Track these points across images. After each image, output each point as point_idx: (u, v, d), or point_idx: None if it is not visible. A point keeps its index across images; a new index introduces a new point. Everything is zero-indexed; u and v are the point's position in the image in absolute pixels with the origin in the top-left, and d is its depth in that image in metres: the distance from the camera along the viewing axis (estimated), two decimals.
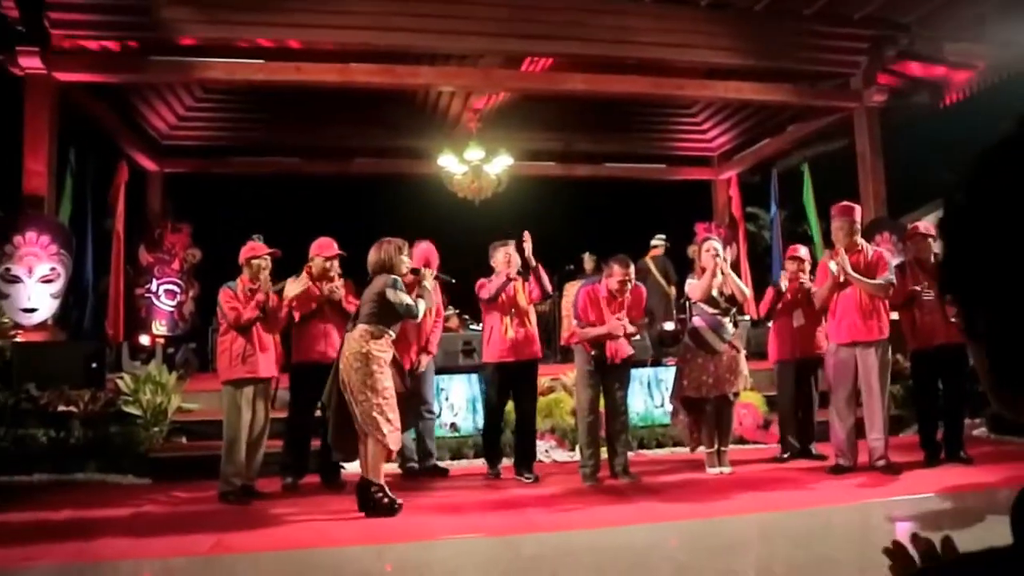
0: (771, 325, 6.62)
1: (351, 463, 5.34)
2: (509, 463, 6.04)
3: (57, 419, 6.21)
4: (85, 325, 9.30)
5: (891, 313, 5.74)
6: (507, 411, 6.13)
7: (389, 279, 4.84)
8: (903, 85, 9.96)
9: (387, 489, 4.79)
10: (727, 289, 5.82)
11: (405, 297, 4.83)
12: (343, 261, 5.88)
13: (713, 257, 5.80)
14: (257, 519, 4.78)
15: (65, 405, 6.28)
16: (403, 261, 5.04)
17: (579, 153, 12.92)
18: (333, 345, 5.50)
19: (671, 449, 6.95)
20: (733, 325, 5.83)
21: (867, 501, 4.87)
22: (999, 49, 8.75)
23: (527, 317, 5.94)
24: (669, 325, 9.66)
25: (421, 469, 6.06)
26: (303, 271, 5.76)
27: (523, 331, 5.88)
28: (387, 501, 4.73)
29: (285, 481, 5.70)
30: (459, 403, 7.08)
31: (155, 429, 6.53)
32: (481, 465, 6.18)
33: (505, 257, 5.92)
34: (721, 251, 5.90)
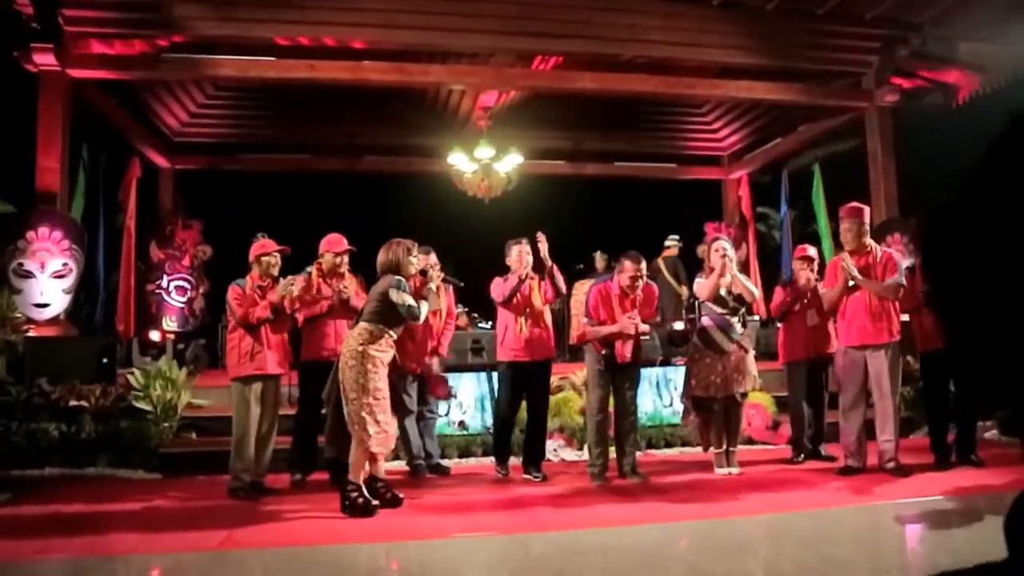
0: (780, 326, 6.60)
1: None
2: (516, 462, 6.04)
3: (69, 414, 6.27)
4: (96, 320, 9.37)
5: (902, 315, 5.71)
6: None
7: (393, 279, 4.84)
8: (915, 85, 9.90)
9: (364, 490, 4.73)
10: (735, 289, 5.80)
11: (408, 298, 4.81)
12: (353, 257, 5.90)
13: (721, 257, 5.79)
14: (266, 515, 4.81)
15: (77, 400, 6.34)
16: (411, 263, 5.04)
17: (589, 152, 12.91)
18: (342, 342, 5.50)
19: (680, 449, 6.95)
20: (742, 325, 5.81)
21: (876, 503, 4.85)
22: (1013, 48, 8.70)
23: (542, 317, 5.91)
24: (679, 325, 9.64)
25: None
26: (313, 268, 5.78)
27: (537, 331, 5.85)
28: (362, 502, 4.68)
29: (294, 477, 5.73)
30: (468, 401, 7.07)
31: (165, 424, 6.57)
32: (489, 463, 6.18)
33: (518, 256, 5.91)
34: (730, 251, 5.89)
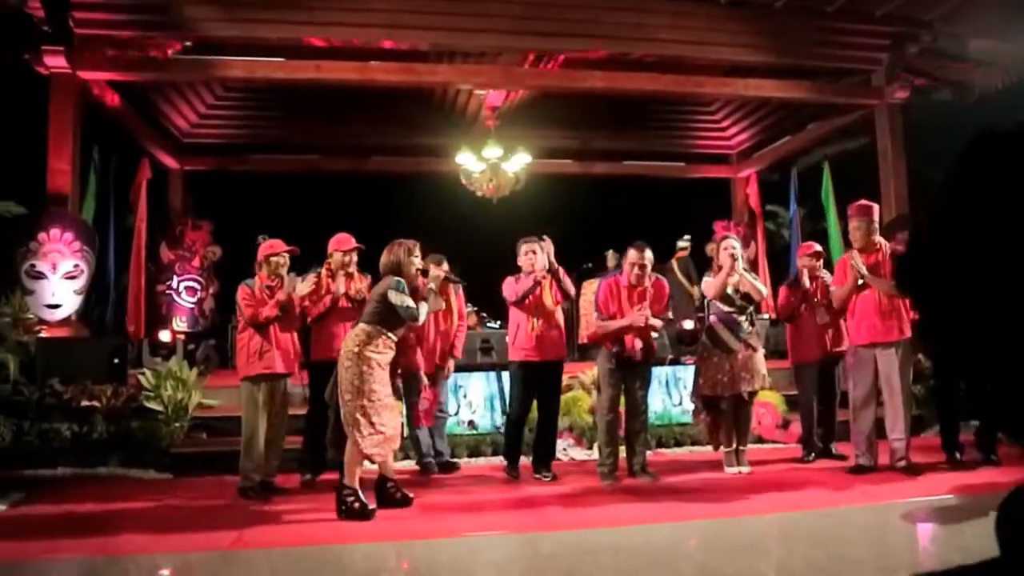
0: (788, 326, 6.55)
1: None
2: (525, 461, 6.04)
3: (80, 414, 6.30)
4: (107, 321, 9.43)
5: (912, 312, 5.68)
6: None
7: (392, 280, 4.82)
8: (925, 82, 9.84)
9: (360, 494, 4.68)
10: (743, 287, 5.79)
11: (407, 300, 4.78)
12: (362, 257, 5.91)
13: (730, 256, 5.78)
14: (276, 515, 4.82)
15: (88, 400, 6.37)
16: (413, 263, 5.02)
17: (597, 151, 12.88)
18: None
19: (689, 448, 6.95)
20: (750, 324, 5.79)
21: (887, 502, 4.83)
22: None
23: (553, 317, 5.88)
24: (688, 324, 9.62)
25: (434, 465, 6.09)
26: (323, 269, 5.80)
27: (549, 331, 5.82)
28: (358, 506, 4.63)
29: (304, 478, 5.74)
30: (477, 401, 7.08)
31: (176, 424, 6.60)
32: (499, 463, 6.15)
33: (528, 256, 5.89)
34: (739, 250, 5.87)
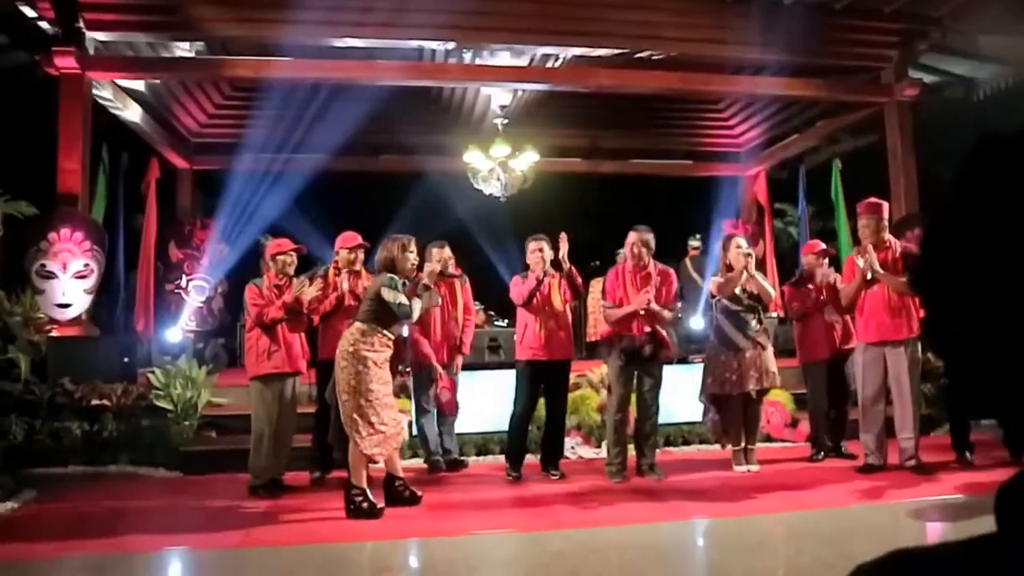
0: (795, 324, 6.53)
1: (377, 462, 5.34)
2: (532, 460, 6.03)
3: (91, 412, 6.34)
4: (117, 320, 9.47)
5: (922, 310, 5.66)
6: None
7: (386, 278, 4.80)
8: (935, 79, 9.79)
9: (368, 493, 4.67)
10: (750, 287, 5.78)
11: (401, 297, 4.76)
12: (370, 255, 5.92)
13: (742, 255, 5.77)
14: (285, 513, 4.84)
15: (98, 399, 6.40)
16: (408, 259, 5.00)
17: (605, 149, 12.84)
18: None
19: (697, 447, 6.94)
20: (758, 322, 5.78)
21: (896, 501, 4.81)
22: None
23: (562, 316, 5.87)
24: (697, 321, 9.59)
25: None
26: (329, 267, 5.81)
27: (557, 330, 5.81)
28: (366, 505, 4.62)
29: (313, 476, 5.76)
30: (485, 399, 7.07)
31: (185, 423, 6.63)
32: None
33: (536, 254, 5.88)
34: (746, 248, 5.87)
